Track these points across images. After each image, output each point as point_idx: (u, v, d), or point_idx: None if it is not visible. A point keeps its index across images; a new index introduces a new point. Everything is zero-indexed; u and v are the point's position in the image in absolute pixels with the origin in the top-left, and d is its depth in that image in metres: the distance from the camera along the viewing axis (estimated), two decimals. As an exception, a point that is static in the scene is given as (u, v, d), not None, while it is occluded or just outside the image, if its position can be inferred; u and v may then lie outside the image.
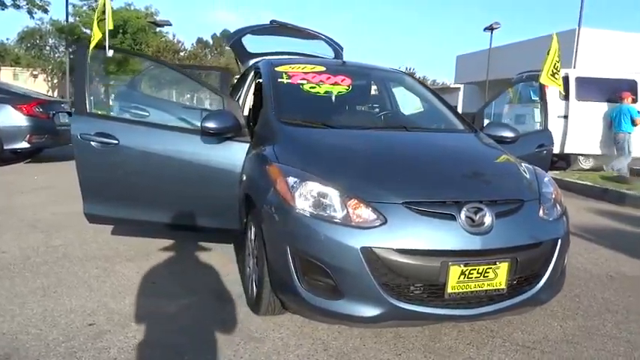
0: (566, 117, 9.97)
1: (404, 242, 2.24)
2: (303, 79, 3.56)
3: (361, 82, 4.03)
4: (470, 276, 2.28)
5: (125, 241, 4.09)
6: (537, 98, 7.38)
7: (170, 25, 29.83)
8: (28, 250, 3.87)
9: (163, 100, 4.57)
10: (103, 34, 3.22)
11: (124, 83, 3.96)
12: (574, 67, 17.54)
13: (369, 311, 2.26)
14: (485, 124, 3.68)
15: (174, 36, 36.02)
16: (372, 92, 4.18)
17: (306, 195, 2.39)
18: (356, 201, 2.32)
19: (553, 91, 10.14)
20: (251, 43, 5.45)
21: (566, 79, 10.00)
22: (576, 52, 18.88)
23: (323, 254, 2.27)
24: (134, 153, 3.24)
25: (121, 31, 29.84)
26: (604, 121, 9.85)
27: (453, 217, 2.30)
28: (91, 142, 3.25)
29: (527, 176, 2.77)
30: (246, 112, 4.11)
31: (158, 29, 31.97)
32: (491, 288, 2.34)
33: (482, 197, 2.41)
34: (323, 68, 3.72)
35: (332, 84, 3.54)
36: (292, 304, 2.52)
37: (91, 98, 3.31)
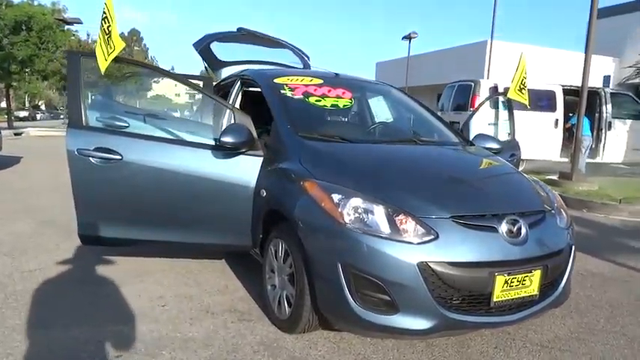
0: (495, 124, 10.70)
1: (456, 255, 2.33)
2: (306, 92, 3.54)
3: (360, 95, 4.08)
4: (511, 284, 2.42)
5: (107, 263, 3.83)
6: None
7: (81, 23, 27.88)
8: (1, 277, 3.49)
9: (153, 112, 4.29)
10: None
11: (98, 92, 3.68)
12: (487, 78, 18.84)
13: (424, 324, 2.32)
14: (473, 136, 3.89)
15: (88, 35, 33.72)
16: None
17: (354, 211, 2.41)
18: (405, 216, 2.37)
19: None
20: (219, 50, 5.32)
21: (495, 89, 10.76)
22: (489, 62, 20.28)
23: (379, 270, 2.30)
24: (139, 169, 3.05)
25: (24, 27, 27.44)
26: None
27: (494, 230, 2.43)
28: (90, 158, 3.01)
29: (539, 188, 2.98)
30: (214, 122, 3.98)
31: (67, 27, 29.84)
32: (527, 294, 2.49)
33: (514, 209, 2.56)
34: (321, 81, 3.72)
35: (335, 97, 3.56)
36: (343, 322, 2.51)
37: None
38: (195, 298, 3.25)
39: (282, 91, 3.48)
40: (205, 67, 5.21)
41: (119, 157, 3.02)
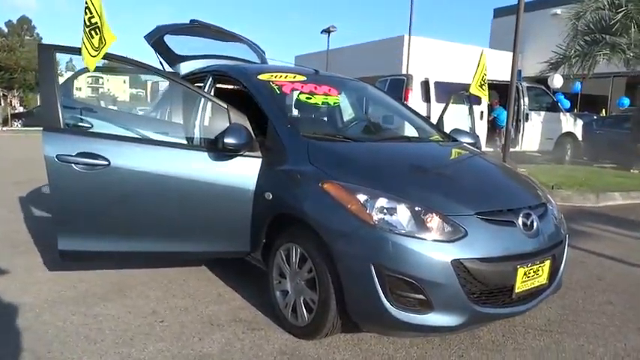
0: (428, 117, 11.15)
1: (485, 251, 2.38)
2: (293, 89, 3.44)
3: (346, 93, 4.02)
4: (529, 275, 2.53)
5: (78, 279, 3.47)
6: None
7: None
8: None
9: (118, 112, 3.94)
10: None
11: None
12: (407, 71, 19.55)
13: (456, 320, 2.36)
14: (449, 131, 4.00)
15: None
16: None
17: (382, 212, 2.38)
18: (433, 215, 2.38)
19: (416, 94, 11.31)
20: (174, 44, 5.01)
21: (426, 84, 11.19)
22: (408, 56, 21.06)
23: (414, 270, 2.29)
24: (129, 175, 2.79)
25: None
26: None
27: (513, 224, 2.52)
28: (73, 165, 2.71)
29: (532, 182, 3.14)
30: (204, 123, 3.79)
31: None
32: (539, 284, 2.62)
33: (526, 203, 2.68)
34: (304, 77, 3.62)
35: (323, 94, 3.48)
36: (376, 324, 2.47)
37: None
38: (192, 310, 3.05)
39: (271, 89, 3.34)
40: (160, 62, 4.87)
41: (106, 163, 2.75)
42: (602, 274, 4.08)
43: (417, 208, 2.39)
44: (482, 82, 5.01)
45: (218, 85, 3.87)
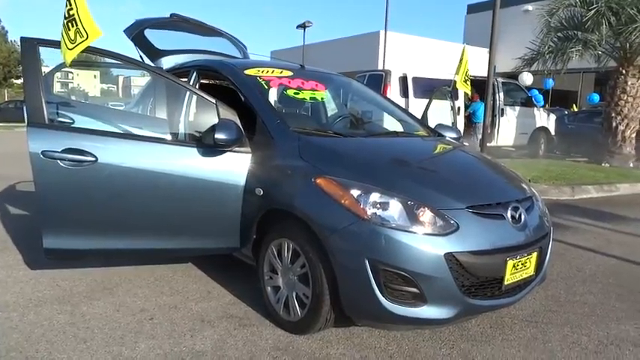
0: (406, 112, 11.24)
1: (476, 244, 2.42)
2: (281, 84, 3.42)
3: (332, 88, 4.02)
4: (517, 267, 2.58)
5: (61, 277, 3.40)
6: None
7: None
8: None
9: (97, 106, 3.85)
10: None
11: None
12: (383, 67, 19.63)
13: (449, 312, 2.40)
14: (434, 126, 4.05)
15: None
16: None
17: (376, 207, 2.39)
18: (426, 209, 2.41)
19: (395, 89, 11.37)
20: (154, 38, 4.93)
21: (404, 79, 11.26)
22: (384, 52, 21.16)
23: (408, 264, 2.32)
24: (118, 171, 2.74)
25: None
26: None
27: (502, 217, 2.56)
28: (59, 162, 2.64)
29: (518, 176, 3.20)
30: (192, 118, 3.75)
31: None
32: (527, 275, 2.68)
33: (514, 197, 2.73)
34: (290, 73, 3.60)
35: (311, 90, 3.48)
36: (371, 318, 2.49)
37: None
38: (181, 307, 3.02)
39: (259, 84, 3.32)
40: (141, 57, 4.78)
41: (93, 159, 2.69)
42: (582, 265, 4.19)
43: (409, 203, 2.41)
44: (466, 78, 5.08)
45: (203, 81, 3.83)
